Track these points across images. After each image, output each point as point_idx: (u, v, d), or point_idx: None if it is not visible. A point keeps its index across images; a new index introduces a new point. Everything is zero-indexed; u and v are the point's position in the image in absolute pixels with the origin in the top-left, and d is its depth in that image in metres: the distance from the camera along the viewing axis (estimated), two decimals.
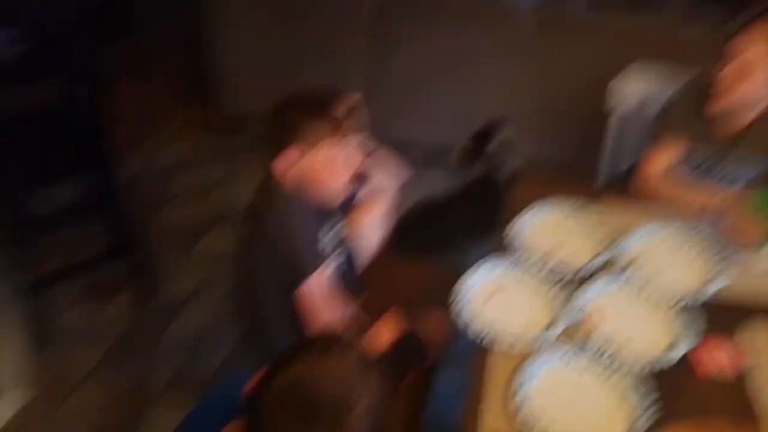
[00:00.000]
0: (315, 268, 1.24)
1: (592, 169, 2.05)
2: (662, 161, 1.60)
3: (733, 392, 1.12)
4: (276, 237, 1.21)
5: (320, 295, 1.25)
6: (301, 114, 1.22)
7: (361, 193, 1.51)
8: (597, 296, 1.28)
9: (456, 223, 2.19)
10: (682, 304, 1.25)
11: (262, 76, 2.96)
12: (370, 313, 1.54)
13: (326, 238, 1.34)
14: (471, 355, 1.18)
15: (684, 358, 1.15)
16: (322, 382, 0.73)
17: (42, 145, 2.14)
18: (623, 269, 1.34)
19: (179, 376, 1.98)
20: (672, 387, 1.11)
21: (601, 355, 1.14)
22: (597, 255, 1.38)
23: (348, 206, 1.52)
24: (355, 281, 1.48)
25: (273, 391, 0.73)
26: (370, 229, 1.59)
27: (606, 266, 1.36)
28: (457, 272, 1.33)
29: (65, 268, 2.16)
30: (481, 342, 1.18)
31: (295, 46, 2.83)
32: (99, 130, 2.05)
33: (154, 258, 2.38)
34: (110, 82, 3.53)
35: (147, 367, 1.99)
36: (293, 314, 1.28)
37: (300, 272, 1.22)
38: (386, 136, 3.09)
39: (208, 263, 2.40)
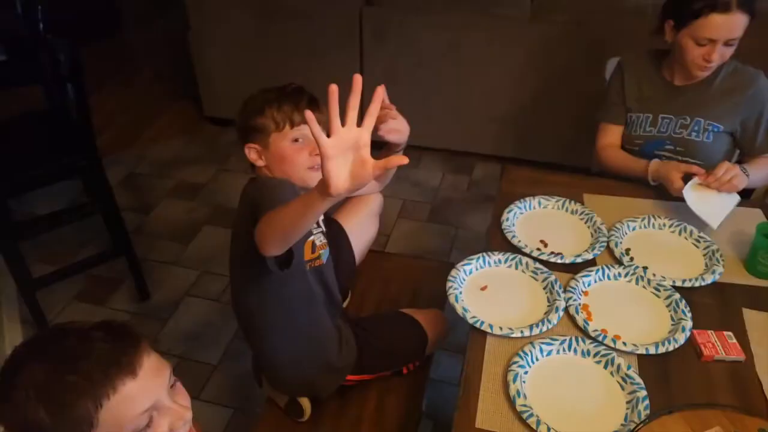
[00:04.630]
0: None
1: (585, 162, 2.05)
2: (614, 132, 1.68)
3: (739, 375, 1.11)
4: (259, 204, 1.08)
5: None
6: (254, 108, 1.23)
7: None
8: (593, 284, 1.28)
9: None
10: (679, 292, 1.24)
11: (242, 77, 2.94)
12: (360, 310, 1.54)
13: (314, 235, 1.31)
14: (467, 344, 1.17)
15: (688, 342, 1.15)
16: None
17: (32, 147, 2.13)
18: (618, 258, 1.34)
19: (176, 374, 1.96)
20: (679, 370, 1.11)
21: (600, 341, 1.14)
22: (590, 245, 1.38)
23: (334, 207, 1.51)
24: (341, 281, 1.46)
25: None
26: (360, 228, 1.58)
27: (600, 256, 1.35)
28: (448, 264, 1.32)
29: (63, 267, 2.15)
30: (477, 330, 1.17)
31: (275, 48, 2.80)
32: (87, 131, 2.03)
33: (148, 256, 2.37)
34: (99, 82, 3.53)
35: None
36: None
37: None
38: (375, 135, 3.10)
39: (201, 261, 2.38)
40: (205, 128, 3.18)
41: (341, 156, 0.76)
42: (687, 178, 1.44)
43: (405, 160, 0.76)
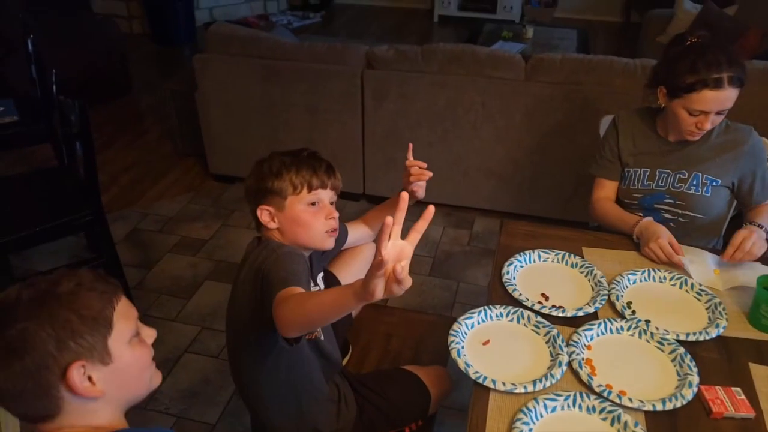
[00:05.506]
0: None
1: (582, 217, 2.07)
2: (608, 187, 1.72)
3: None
4: (269, 275, 1.13)
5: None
6: (270, 171, 1.25)
7: (343, 246, 1.52)
8: (596, 338, 1.27)
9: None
10: (683, 346, 1.23)
11: (247, 136, 3.01)
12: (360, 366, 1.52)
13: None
14: (470, 401, 1.15)
15: (696, 398, 1.13)
16: None
17: (39, 203, 2.16)
18: (620, 312, 1.34)
19: None
20: (688, 427, 1.08)
21: (606, 397, 1.12)
22: (591, 298, 1.38)
23: (329, 260, 1.52)
24: (339, 333, 1.45)
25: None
26: (355, 278, 1.58)
27: (601, 309, 1.35)
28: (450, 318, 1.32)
29: None
30: (480, 386, 1.15)
31: (278, 108, 2.89)
32: (94, 188, 2.07)
33: (149, 312, 2.35)
34: (108, 140, 3.61)
35: (142, 421, 1.92)
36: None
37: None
38: (377, 191, 3.15)
39: (202, 317, 2.37)
40: (210, 185, 3.23)
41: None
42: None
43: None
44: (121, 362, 0.84)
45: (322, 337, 1.30)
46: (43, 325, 0.77)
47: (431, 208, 0.80)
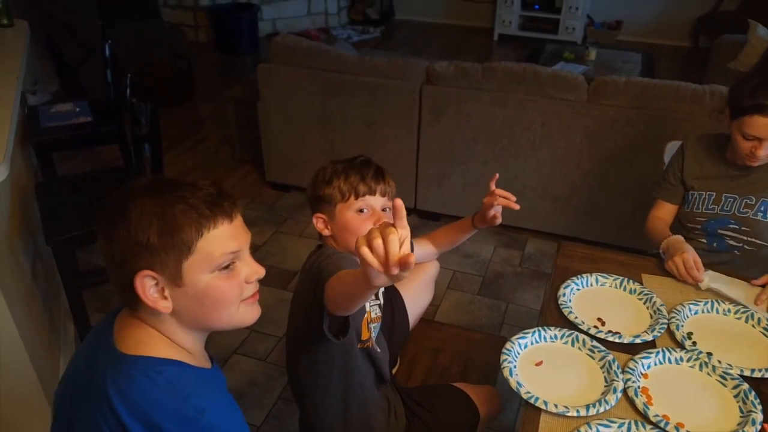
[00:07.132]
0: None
1: (640, 244, 2.02)
2: (666, 209, 1.71)
3: None
4: (322, 272, 1.14)
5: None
6: (323, 178, 1.28)
7: None
8: (653, 367, 1.23)
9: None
10: (747, 381, 1.18)
11: (304, 146, 3.08)
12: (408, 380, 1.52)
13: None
14: (518, 422, 1.13)
15: None
16: None
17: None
18: (680, 342, 1.30)
19: None
20: None
21: (662, 428, 1.08)
22: (650, 326, 1.34)
23: None
24: (394, 346, 1.46)
25: None
26: (416, 293, 1.60)
27: (660, 338, 1.31)
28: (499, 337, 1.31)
29: None
30: (530, 407, 1.13)
31: (337, 120, 2.94)
32: None
33: None
34: (170, 143, 3.76)
35: None
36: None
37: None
38: (429, 206, 3.14)
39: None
40: (266, 192, 3.31)
41: None
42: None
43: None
44: (194, 289, 0.81)
45: (378, 349, 1.32)
46: (129, 226, 0.78)
47: (398, 201, 0.75)
